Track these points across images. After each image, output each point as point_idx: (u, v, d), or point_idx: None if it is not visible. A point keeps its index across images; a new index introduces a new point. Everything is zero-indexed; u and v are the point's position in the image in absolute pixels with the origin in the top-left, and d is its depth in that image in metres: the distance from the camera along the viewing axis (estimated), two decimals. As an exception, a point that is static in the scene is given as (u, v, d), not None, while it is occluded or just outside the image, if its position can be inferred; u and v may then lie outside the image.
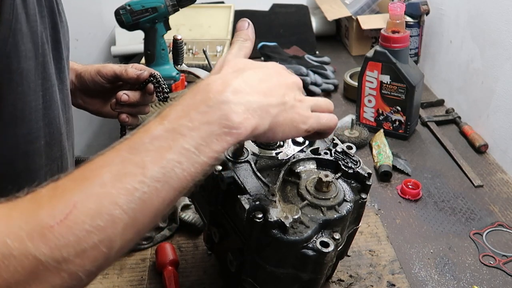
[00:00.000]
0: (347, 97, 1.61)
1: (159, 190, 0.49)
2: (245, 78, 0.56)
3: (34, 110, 0.68)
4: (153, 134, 0.51)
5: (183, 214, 1.04)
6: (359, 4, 1.90)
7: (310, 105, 0.61)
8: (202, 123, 0.51)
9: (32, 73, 0.65)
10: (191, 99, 0.54)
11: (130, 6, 1.45)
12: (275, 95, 0.57)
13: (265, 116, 0.55)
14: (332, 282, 0.92)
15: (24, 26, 0.62)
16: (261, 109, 0.55)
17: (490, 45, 1.32)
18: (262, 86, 0.57)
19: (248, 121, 0.53)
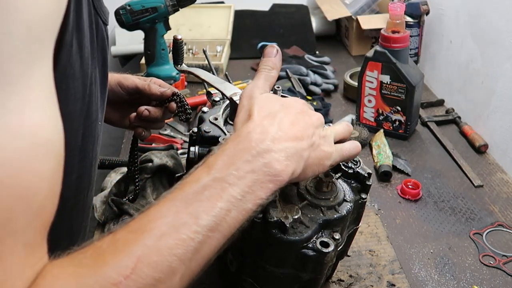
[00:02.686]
0: (347, 97, 1.61)
1: (211, 238, 0.51)
2: (280, 124, 0.59)
3: (72, 148, 0.66)
4: (203, 184, 0.53)
5: (183, 214, 1.04)
6: (359, 4, 1.90)
7: (331, 140, 0.64)
8: (247, 171, 0.54)
9: (77, 114, 0.64)
10: (235, 148, 0.56)
11: (130, 6, 1.45)
12: (305, 137, 0.60)
13: (299, 160, 0.58)
14: (332, 282, 0.92)
15: (77, 71, 0.61)
16: (296, 154, 0.58)
17: (490, 45, 1.32)
18: (294, 130, 0.59)
19: (288, 167, 0.56)
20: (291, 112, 0.61)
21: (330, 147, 0.63)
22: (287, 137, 0.58)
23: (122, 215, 1.01)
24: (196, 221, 0.51)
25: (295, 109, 0.62)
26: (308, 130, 0.60)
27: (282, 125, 0.59)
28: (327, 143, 0.63)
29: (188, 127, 1.46)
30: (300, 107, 0.63)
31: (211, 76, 0.81)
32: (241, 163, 0.55)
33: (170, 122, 1.47)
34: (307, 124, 0.61)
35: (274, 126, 0.58)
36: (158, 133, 1.41)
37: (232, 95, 0.70)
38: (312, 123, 0.62)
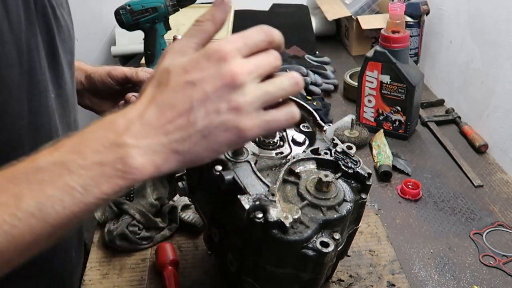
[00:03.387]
0: (347, 97, 1.61)
1: (33, 225, 0.47)
2: (150, 117, 0.50)
3: (17, 118, 0.65)
4: (39, 165, 0.48)
5: (183, 214, 1.04)
6: (359, 4, 1.90)
7: (256, 107, 0.50)
8: (94, 163, 0.48)
9: (15, 80, 0.62)
10: (90, 134, 0.50)
11: (130, 6, 1.45)
12: (183, 127, 0.49)
13: (170, 155, 0.50)
14: (332, 282, 0.92)
15: (6, 35, 0.60)
16: (163, 150, 0.49)
17: (490, 45, 1.32)
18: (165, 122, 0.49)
19: (147, 165, 0.49)
20: (176, 92, 0.50)
21: (245, 121, 0.50)
22: (154, 131, 0.49)
23: (122, 215, 1.01)
24: (17, 203, 0.46)
25: (185, 82, 0.50)
26: (192, 114, 0.49)
27: (153, 116, 0.49)
28: (241, 117, 0.49)
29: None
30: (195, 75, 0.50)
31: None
32: (89, 152, 0.48)
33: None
34: (193, 105, 0.49)
35: (143, 119, 0.49)
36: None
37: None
38: (206, 98, 0.49)
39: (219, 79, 0.49)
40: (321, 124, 0.82)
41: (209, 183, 0.77)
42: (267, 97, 0.51)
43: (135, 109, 0.51)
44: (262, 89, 0.51)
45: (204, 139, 0.50)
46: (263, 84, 0.51)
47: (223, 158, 0.72)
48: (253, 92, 0.50)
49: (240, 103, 0.49)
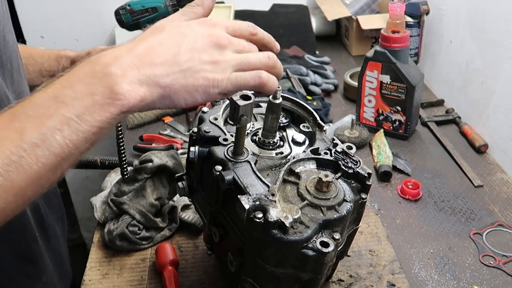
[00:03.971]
0: (347, 97, 1.61)
1: (39, 155, 0.51)
2: (139, 50, 0.56)
3: None
4: (35, 102, 0.53)
5: (183, 214, 1.04)
6: (359, 4, 1.89)
7: (232, 65, 0.59)
8: (85, 94, 0.53)
9: None
10: (79, 70, 0.55)
11: (130, 6, 1.45)
12: (169, 63, 0.56)
13: (153, 87, 0.55)
14: (332, 282, 0.92)
15: None
16: (147, 81, 0.55)
17: (490, 45, 1.32)
18: (154, 55, 0.56)
19: (132, 93, 0.54)
20: (169, 36, 0.58)
21: (220, 74, 0.58)
22: (141, 63, 0.55)
23: (122, 215, 1.01)
24: (20, 137, 0.50)
25: (179, 32, 0.58)
26: (176, 57, 0.56)
27: (141, 51, 0.56)
28: (218, 69, 0.58)
29: (188, 127, 1.46)
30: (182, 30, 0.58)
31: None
32: (79, 85, 0.53)
33: (170, 122, 1.48)
34: (179, 50, 0.56)
35: (130, 54, 0.55)
36: (158, 133, 1.42)
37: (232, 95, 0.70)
38: (191, 48, 0.57)
39: (207, 36, 0.58)
40: (321, 124, 0.82)
41: (209, 183, 0.77)
42: (242, 59, 0.60)
43: (125, 46, 0.57)
44: (238, 55, 0.60)
45: (184, 79, 0.56)
46: (241, 54, 0.60)
47: (223, 158, 0.72)
48: (231, 55, 0.59)
49: (219, 59, 0.58)
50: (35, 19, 2.06)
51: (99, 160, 1.20)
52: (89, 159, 1.21)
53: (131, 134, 1.45)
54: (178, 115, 1.53)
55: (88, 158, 1.21)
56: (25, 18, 2.02)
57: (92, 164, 1.21)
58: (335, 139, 0.79)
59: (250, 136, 0.81)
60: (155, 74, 0.55)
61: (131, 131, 1.46)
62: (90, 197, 1.09)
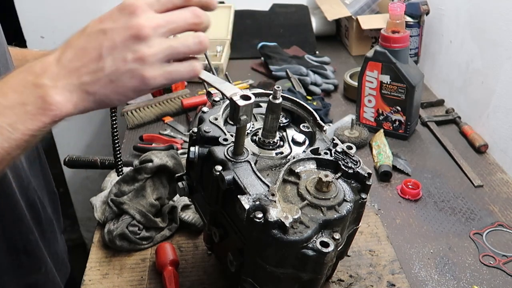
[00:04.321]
0: (347, 97, 1.61)
1: None
2: (65, 59, 0.56)
3: None
4: None
5: (183, 214, 1.04)
6: (359, 4, 1.89)
7: (159, 58, 0.56)
8: (17, 103, 0.54)
9: None
10: (13, 78, 0.56)
11: (130, 6, 1.45)
12: (93, 70, 0.55)
13: (84, 95, 0.56)
14: (332, 282, 0.92)
15: None
16: (77, 90, 0.55)
17: (490, 45, 1.32)
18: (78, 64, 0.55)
19: (64, 103, 0.55)
20: (90, 38, 0.56)
21: (149, 71, 0.55)
22: (68, 72, 0.55)
23: (122, 215, 1.01)
24: None
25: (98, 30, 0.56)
26: (102, 61, 0.55)
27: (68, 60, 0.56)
28: (145, 66, 0.55)
29: (188, 127, 1.46)
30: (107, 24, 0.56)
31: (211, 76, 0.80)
32: (12, 93, 0.55)
33: (170, 122, 1.48)
34: (102, 51, 0.55)
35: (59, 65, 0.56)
36: (158, 133, 1.42)
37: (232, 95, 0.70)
38: (114, 47, 0.55)
39: (127, 30, 0.55)
40: (321, 124, 0.82)
41: (209, 183, 0.77)
42: (170, 50, 0.56)
43: (54, 55, 0.57)
44: (166, 43, 0.56)
45: (112, 83, 0.56)
46: (168, 39, 0.56)
47: (223, 158, 0.72)
48: (157, 45, 0.55)
49: (145, 54, 0.55)
50: (35, 19, 2.06)
51: (99, 160, 1.20)
52: (89, 159, 1.21)
53: (131, 134, 1.45)
54: (178, 115, 1.53)
55: (88, 158, 1.21)
56: (25, 18, 2.02)
57: (92, 164, 1.21)
58: (335, 139, 0.79)
59: (250, 136, 0.81)
60: (82, 82, 0.55)
61: (131, 131, 1.46)
62: (90, 197, 1.09)
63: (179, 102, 1.52)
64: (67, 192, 2.31)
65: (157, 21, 0.56)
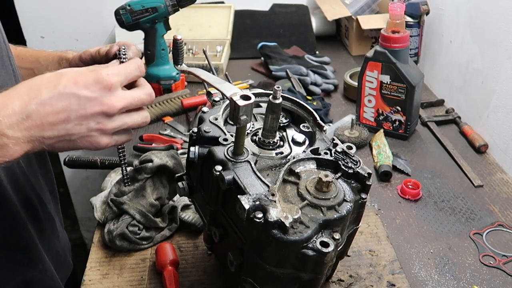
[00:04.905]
0: (347, 97, 1.61)
1: None
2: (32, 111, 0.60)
3: None
4: None
5: (183, 214, 1.04)
6: (359, 4, 1.90)
7: (113, 131, 0.65)
8: None
9: None
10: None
11: (130, 6, 1.45)
12: (57, 129, 0.61)
13: (38, 144, 0.61)
14: (332, 282, 0.92)
15: None
16: (34, 140, 0.61)
17: (490, 45, 1.32)
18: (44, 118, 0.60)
19: (18, 151, 0.60)
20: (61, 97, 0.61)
21: (103, 139, 0.65)
22: (32, 125, 0.60)
23: (122, 215, 1.01)
24: None
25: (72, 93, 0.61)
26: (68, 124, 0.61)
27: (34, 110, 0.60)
28: (102, 135, 0.64)
29: (188, 127, 1.46)
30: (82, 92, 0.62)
31: (211, 76, 0.80)
32: None
33: (170, 122, 1.48)
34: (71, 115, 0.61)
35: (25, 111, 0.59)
36: (158, 133, 1.42)
37: (232, 95, 0.70)
38: (83, 116, 0.62)
39: (100, 105, 0.62)
40: (321, 124, 0.82)
41: (209, 183, 0.77)
42: (124, 126, 0.67)
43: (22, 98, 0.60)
44: (123, 121, 0.66)
45: (68, 142, 0.63)
46: (125, 117, 0.66)
47: (223, 158, 0.72)
48: (117, 121, 0.65)
49: (107, 127, 0.64)
50: (35, 19, 2.06)
51: (99, 160, 1.20)
52: (89, 159, 1.21)
53: (131, 134, 1.44)
54: (178, 115, 1.53)
55: (88, 158, 1.21)
56: (25, 18, 2.02)
57: (92, 164, 1.21)
58: (335, 139, 0.79)
59: (250, 136, 0.81)
60: (43, 136, 0.61)
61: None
62: (90, 197, 1.09)
63: (179, 102, 1.52)
64: (67, 192, 2.31)
65: (125, 102, 0.65)
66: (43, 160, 0.97)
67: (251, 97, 0.65)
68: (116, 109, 0.63)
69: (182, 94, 1.55)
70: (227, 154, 0.73)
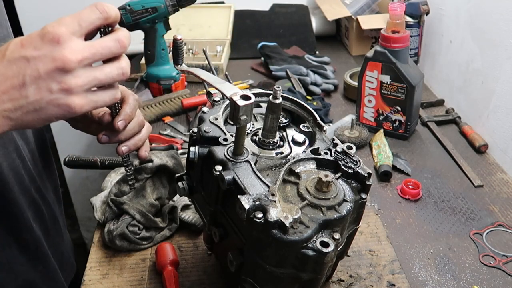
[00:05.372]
0: (347, 97, 1.61)
1: None
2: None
3: None
4: None
5: (183, 214, 1.04)
6: (359, 4, 1.90)
7: (84, 89, 0.57)
8: None
9: None
10: None
11: (130, 6, 1.45)
12: (15, 97, 0.55)
13: (5, 120, 0.56)
14: (332, 282, 0.92)
15: None
16: None
17: (490, 45, 1.32)
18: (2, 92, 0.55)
19: None
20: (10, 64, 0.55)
21: (74, 100, 0.56)
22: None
23: (122, 215, 1.01)
24: None
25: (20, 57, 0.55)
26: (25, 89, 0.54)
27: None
28: (71, 96, 0.56)
29: (188, 127, 1.46)
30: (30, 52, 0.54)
31: (211, 76, 0.81)
32: None
33: (170, 122, 1.48)
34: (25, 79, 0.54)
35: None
36: (158, 133, 1.42)
37: (232, 95, 0.70)
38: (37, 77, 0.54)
39: (52, 61, 0.54)
40: (321, 124, 0.82)
41: (209, 183, 0.77)
42: (96, 82, 0.58)
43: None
44: (92, 75, 0.57)
45: (36, 112, 0.56)
46: (93, 69, 0.57)
47: (223, 158, 0.72)
48: (83, 76, 0.56)
49: (71, 85, 0.55)
50: (35, 19, 2.05)
51: (99, 160, 1.20)
52: (89, 159, 1.21)
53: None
54: (178, 115, 1.53)
55: (88, 158, 1.21)
56: (25, 18, 2.02)
57: (92, 164, 1.21)
58: (335, 139, 0.79)
59: (250, 136, 0.81)
60: (4, 109, 0.55)
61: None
62: (90, 197, 1.09)
63: (179, 102, 1.52)
64: (67, 192, 2.31)
65: (83, 54, 0.56)
66: (48, 160, 0.96)
67: (251, 97, 0.65)
68: (72, 61, 0.55)
69: (182, 94, 1.55)
70: (227, 154, 0.73)
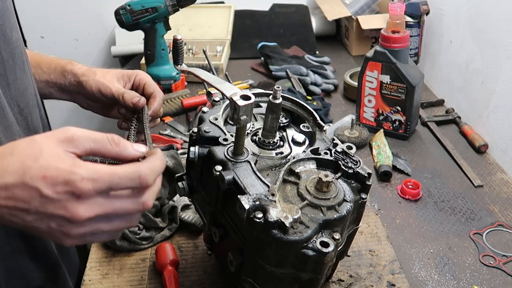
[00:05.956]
0: (347, 97, 1.61)
1: None
2: None
3: None
4: None
5: (183, 214, 1.04)
6: (359, 4, 1.90)
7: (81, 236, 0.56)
8: None
9: None
10: None
11: (130, 6, 1.45)
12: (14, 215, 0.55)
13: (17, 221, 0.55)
14: (332, 282, 0.92)
15: None
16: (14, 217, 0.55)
17: (490, 45, 1.32)
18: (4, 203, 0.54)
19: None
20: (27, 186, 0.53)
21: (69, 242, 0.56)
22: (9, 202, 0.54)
23: (122, 215, 1.01)
24: None
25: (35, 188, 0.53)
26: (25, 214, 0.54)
27: None
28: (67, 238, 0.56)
29: (188, 127, 1.46)
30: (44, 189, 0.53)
31: (211, 76, 0.81)
32: None
33: (170, 122, 1.48)
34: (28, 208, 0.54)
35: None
36: (158, 133, 1.42)
37: (232, 95, 0.70)
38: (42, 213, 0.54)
39: (63, 209, 0.53)
40: (321, 124, 0.82)
41: (209, 183, 0.77)
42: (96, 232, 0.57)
43: None
44: (95, 227, 0.56)
45: (24, 227, 0.55)
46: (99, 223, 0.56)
47: (223, 158, 0.72)
48: (86, 228, 0.55)
49: (71, 233, 0.55)
50: (35, 19, 2.06)
51: (99, 160, 1.20)
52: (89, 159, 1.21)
53: (131, 134, 1.44)
54: (178, 115, 1.53)
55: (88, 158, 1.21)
56: (25, 18, 2.02)
57: (92, 164, 1.20)
58: (335, 139, 0.79)
59: (250, 136, 0.81)
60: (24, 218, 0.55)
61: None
62: (90, 197, 1.09)
63: (179, 102, 1.52)
64: (67, 192, 2.30)
65: (97, 212, 0.55)
66: None
67: (251, 97, 0.65)
68: (81, 219, 0.54)
69: (182, 94, 1.55)
70: (227, 154, 0.73)
